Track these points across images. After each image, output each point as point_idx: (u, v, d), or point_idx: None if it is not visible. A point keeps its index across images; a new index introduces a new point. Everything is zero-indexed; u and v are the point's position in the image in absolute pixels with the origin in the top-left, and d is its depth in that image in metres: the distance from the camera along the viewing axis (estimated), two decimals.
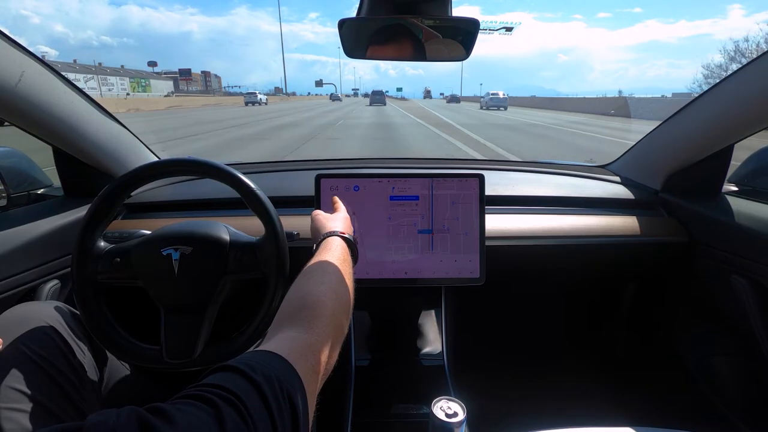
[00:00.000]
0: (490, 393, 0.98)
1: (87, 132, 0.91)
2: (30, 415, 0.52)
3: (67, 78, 0.86)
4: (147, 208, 1.06)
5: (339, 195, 0.85)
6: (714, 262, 0.93)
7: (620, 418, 0.65)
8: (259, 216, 0.66)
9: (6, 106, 0.74)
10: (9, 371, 0.54)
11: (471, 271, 0.85)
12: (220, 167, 0.67)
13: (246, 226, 0.78)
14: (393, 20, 0.66)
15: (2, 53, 0.70)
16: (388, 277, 0.85)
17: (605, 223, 1.02)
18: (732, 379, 0.94)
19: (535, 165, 1.36)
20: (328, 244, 0.58)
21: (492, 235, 0.93)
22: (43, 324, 0.61)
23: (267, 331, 0.43)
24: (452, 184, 0.85)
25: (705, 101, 0.92)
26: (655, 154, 1.12)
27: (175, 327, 0.65)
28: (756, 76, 0.78)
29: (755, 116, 0.82)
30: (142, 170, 0.67)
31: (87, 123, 0.90)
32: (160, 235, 0.67)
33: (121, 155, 1.02)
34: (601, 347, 1.37)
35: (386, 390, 0.87)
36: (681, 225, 1.01)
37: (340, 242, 0.60)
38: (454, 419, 0.54)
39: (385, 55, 0.74)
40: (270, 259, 0.66)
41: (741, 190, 1.04)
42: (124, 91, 67.75)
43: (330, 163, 1.43)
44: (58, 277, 0.85)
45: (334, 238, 0.60)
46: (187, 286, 0.65)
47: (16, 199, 0.98)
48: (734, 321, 0.93)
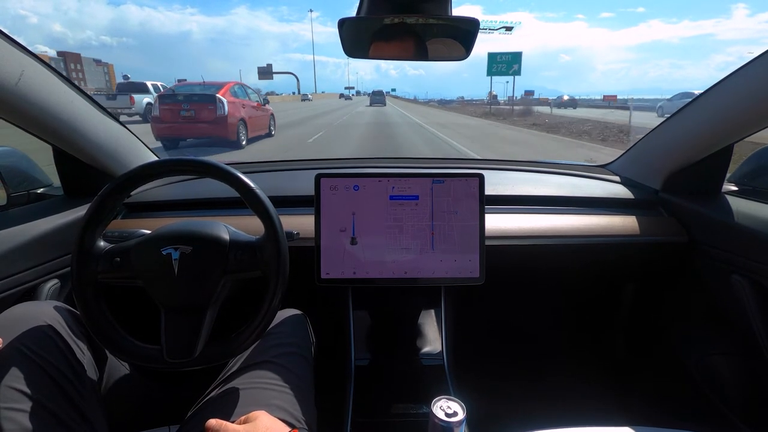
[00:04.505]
0: (490, 393, 0.98)
1: (87, 132, 0.91)
2: (29, 415, 0.52)
3: (67, 78, 0.86)
4: (147, 207, 1.06)
5: (339, 194, 0.85)
6: (714, 262, 0.93)
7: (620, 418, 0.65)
8: (259, 216, 0.66)
9: (6, 106, 0.74)
10: (8, 371, 0.54)
11: (471, 271, 0.85)
12: (219, 167, 0.67)
13: (246, 225, 0.78)
14: (393, 20, 0.67)
15: (2, 53, 0.70)
16: (388, 277, 0.85)
17: (605, 222, 1.02)
18: (732, 379, 0.94)
19: (535, 165, 1.36)
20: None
21: (492, 235, 0.93)
22: (42, 324, 0.61)
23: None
24: (452, 184, 0.85)
25: (705, 101, 0.92)
26: (655, 154, 1.12)
27: (174, 327, 0.65)
28: (756, 75, 0.79)
29: (755, 116, 0.82)
30: (142, 170, 0.67)
31: (87, 123, 0.90)
32: (160, 234, 0.67)
33: (120, 155, 1.02)
34: (600, 347, 1.37)
35: (386, 390, 0.87)
36: (681, 225, 1.01)
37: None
38: (454, 419, 0.54)
39: (384, 55, 0.74)
40: (270, 259, 0.66)
41: (741, 189, 1.04)
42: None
43: (330, 162, 1.43)
44: (58, 276, 0.85)
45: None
46: (187, 285, 0.65)
47: (15, 199, 0.98)
48: (734, 321, 0.93)
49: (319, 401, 0.73)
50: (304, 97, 51.54)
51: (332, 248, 0.84)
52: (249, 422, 0.53)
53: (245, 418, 0.54)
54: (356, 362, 0.93)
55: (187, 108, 7.36)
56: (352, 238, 0.84)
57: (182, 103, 7.41)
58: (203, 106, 7.36)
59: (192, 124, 7.42)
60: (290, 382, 0.68)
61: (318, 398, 0.73)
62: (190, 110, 7.36)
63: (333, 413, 0.80)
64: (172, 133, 7.65)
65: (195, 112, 7.36)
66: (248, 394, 0.65)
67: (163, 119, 7.42)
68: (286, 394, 0.66)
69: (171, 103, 7.45)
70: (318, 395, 0.74)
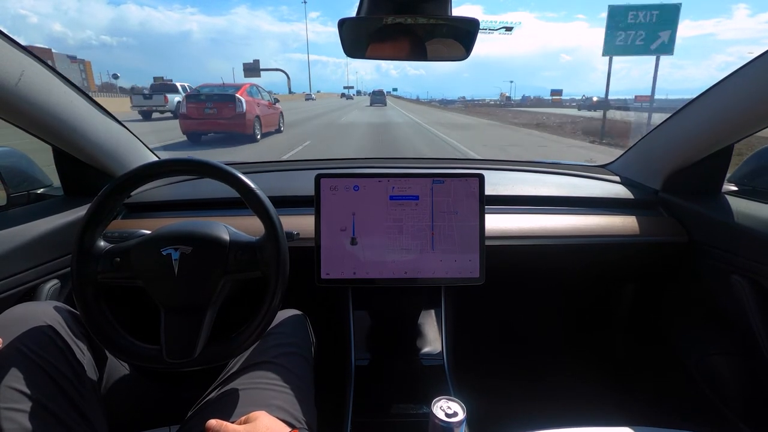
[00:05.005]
0: (490, 393, 0.98)
1: (87, 132, 0.91)
2: (29, 415, 0.52)
3: (67, 78, 0.86)
4: (147, 208, 1.06)
5: (339, 195, 0.85)
6: (714, 262, 0.93)
7: (620, 418, 0.65)
8: (259, 216, 0.66)
9: (6, 106, 0.74)
10: (8, 371, 0.54)
11: (471, 271, 0.85)
12: (219, 167, 0.67)
13: (246, 226, 0.78)
14: (393, 20, 0.66)
15: (2, 53, 0.70)
16: (388, 277, 0.85)
17: (605, 222, 1.02)
18: (732, 379, 0.94)
19: (535, 165, 1.36)
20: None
21: (492, 235, 0.93)
22: (42, 324, 0.61)
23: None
24: (452, 184, 0.85)
25: (705, 101, 0.92)
26: (655, 154, 1.12)
27: (174, 327, 0.65)
28: (756, 75, 0.79)
29: (755, 116, 0.82)
30: (142, 170, 0.67)
31: (87, 123, 0.90)
32: (160, 234, 0.67)
33: (120, 155, 1.02)
34: (600, 347, 1.37)
35: (386, 390, 0.87)
36: (681, 225, 1.01)
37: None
38: (454, 419, 0.54)
39: (384, 55, 0.74)
40: (270, 259, 0.66)
41: (741, 190, 1.04)
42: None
43: (330, 162, 1.43)
44: (58, 276, 0.85)
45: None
46: (187, 285, 0.65)
47: (16, 199, 0.98)
48: (734, 321, 0.93)
49: (319, 401, 0.73)
50: (307, 97, 56.23)
51: (332, 248, 0.84)
52: (249, 422, 0.53)
53: (245, 419, 0.54)
54: (356, 362, 0.93)
55: (210, 106, 8.46)
56: (352, 239, 0.84)
57: (206, 101, 8.51)
58: (224, 105, 8.41)
59: (214, 121, 8.53)
60: (290, 383, 0.68)
61: (318, 398, 0.74)
62: (213, 108, 8.45)
63: (333, 413, 0.80)
64: (197, 128, 8.78)
65: (217, 109, 8.43)
66: (248, 394, 0.65)
67: (189, 116, 8.57)
68: (286, 395, 0.66)
69: (196, 101, 8.59)
70: (318, 395, 0.74)
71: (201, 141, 9.05)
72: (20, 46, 0.73)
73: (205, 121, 8.57)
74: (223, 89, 8.87)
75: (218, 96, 8.57)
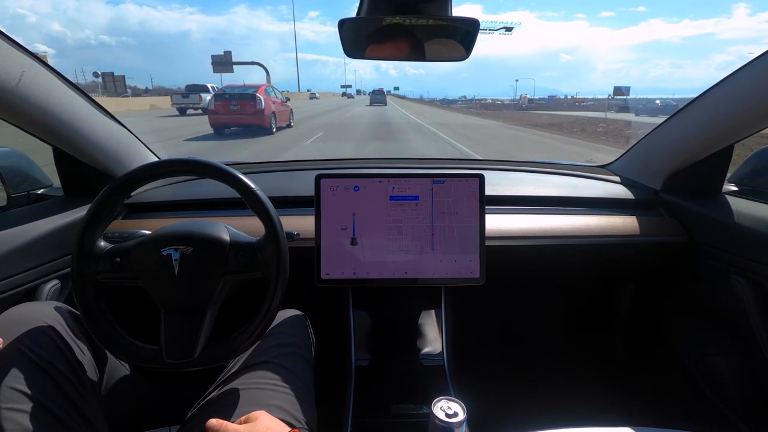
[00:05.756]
0: (490, 393, 0.98)
1: (87, 132, 0.91)
2: (30, 415, 0.52)
3: (67, 78, 0.86)
4: (147, 208, 1.06)
5: (339, 195, 0.85)
6: (714, 262, 0.93)
7: (620, 418, 0.65)
8: (259, 216, 0.66)
9: (6, 106, 0.74)
10: (9, 371, 0.54)
11: (471, 271, 0.85)
12: (219, 167, 0.67)
13: (246, 226, 0.78)
14: (393, 20, 0.66)
15: (2, 53, 0.70)
16: (388, 277, 0.85)
17: (605, 223, 1.02)
18: (732, 379, 0.94)
19: (535, 165, 1.36)
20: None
21: (492, 235, 0.93)
22: (42, 324, 0.61)
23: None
24: (452, 184, 0.85)
25: (705, 101, 0.92)
26: (655, 154, 1.12)
27: (174, 327, 0.65)
28: (756, 75, 0.78)
29: (755, 116, 0.82)
30: (142, 170, 0.67)
31: (87, 123, 0.90)
32: (160, 235, 0.67)
33: (121, 155, 1.02)
34: (601, 347, 1.37)
35: (386, 390, 0.87)
36: (681, 225, 1.01)
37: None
38: (454, 419, 0.54)
39: (384, 55, 0.74)
40: (270, 260, 0.66)
41: (741, 190, 1.04)
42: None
43: (330, 163, 1.43)
44: (58, 277, 0.85)
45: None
46: (187, 286, 0.65)
47: (16, 200, 0.98)
48: (734, 321, 0.93)
49: (319, 401, 0.73)
50: (312, 96, 60.83)
51: (332, 249, 0.84)
52: (249, 422, 0.53)
53: (245, 418, 0.54)
54: (356, 362, 0.93)
55: (234, 103, 10.08)
56: (352, 239, 0.85)
57: (230, 100, 10.16)
58: (246, 102, 10.04)
59: (237, 116, 10.17)
60: (290, 383, 0.68)
61: (318, 398, 0.74)
62: (236, 105, 10.07)
63: (333, 413, 0.80)
64: (224, 122, 10.45)
65: (240, 106, 10.06)
66: (248, 394, 0.65)
67: (216, 111, 10.28)
68: (286, 395, 0.66)
69: (222, 99, 10.27)
70: (318, 395, 0.74)
71: (225, 133, 10.55)
72: (20, 47, 0.73)
73: (230, 116, 10.16)
74: (244, 89, 10.51)
75: (240, 95, 10.13)
